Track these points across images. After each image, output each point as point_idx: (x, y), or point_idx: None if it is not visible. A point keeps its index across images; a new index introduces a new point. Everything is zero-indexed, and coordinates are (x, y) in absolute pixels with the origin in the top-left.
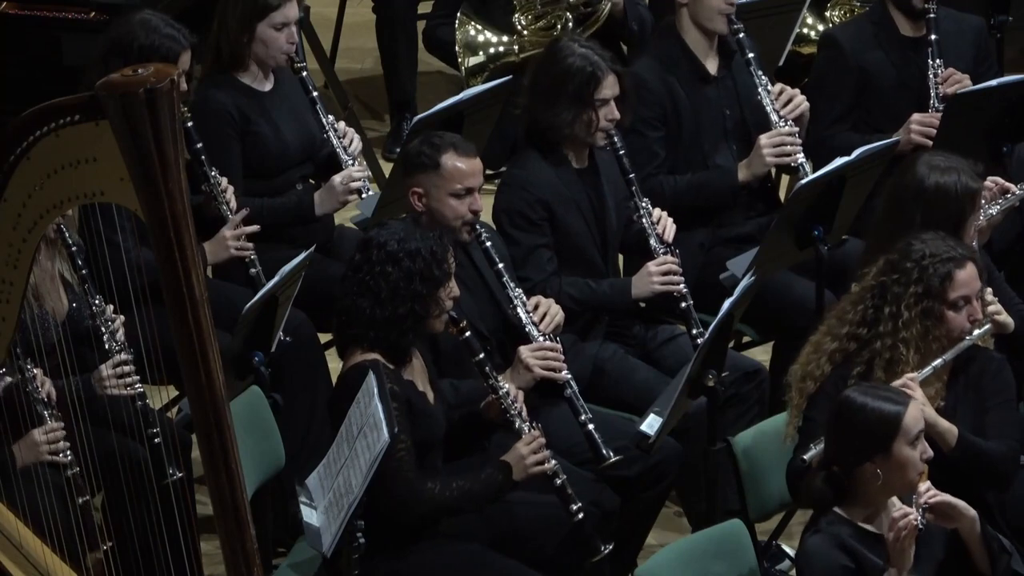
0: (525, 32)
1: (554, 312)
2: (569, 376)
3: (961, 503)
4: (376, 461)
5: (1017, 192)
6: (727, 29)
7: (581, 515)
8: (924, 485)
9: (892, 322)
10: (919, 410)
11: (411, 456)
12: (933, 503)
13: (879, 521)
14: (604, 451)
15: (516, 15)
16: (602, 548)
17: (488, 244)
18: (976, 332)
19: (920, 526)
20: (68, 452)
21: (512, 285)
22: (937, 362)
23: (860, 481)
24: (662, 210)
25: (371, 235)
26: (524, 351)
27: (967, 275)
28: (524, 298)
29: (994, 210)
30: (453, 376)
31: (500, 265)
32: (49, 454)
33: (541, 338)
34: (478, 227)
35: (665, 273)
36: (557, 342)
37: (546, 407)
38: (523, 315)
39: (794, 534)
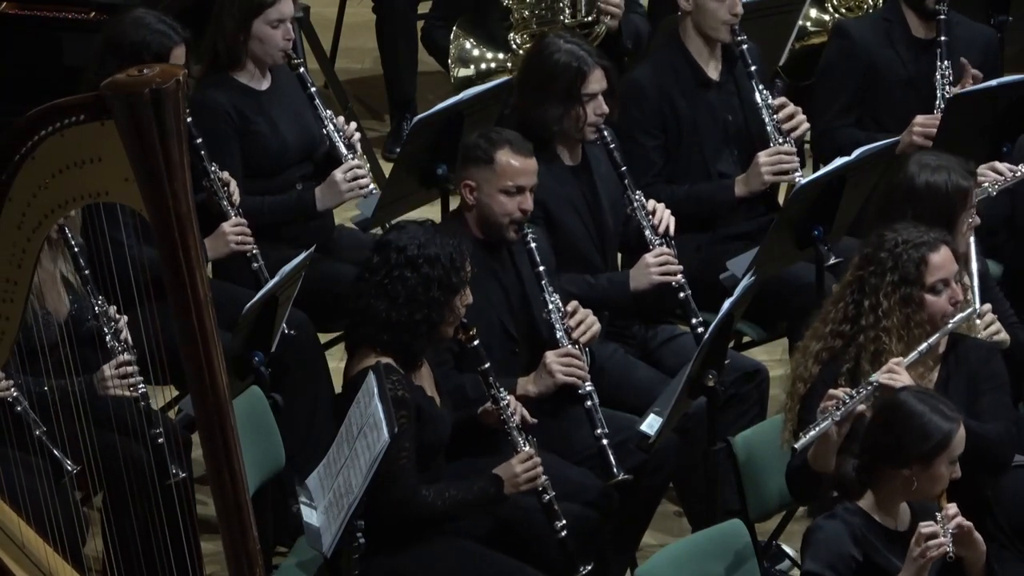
0: (520, 51)
1: (590, 323)
2: (591, 388)
3: (979, 536)
4: (376, 461)
5: (1018, 173)
6: (730, 38)
7: (564, 533)
8: (952, 508)
9: (873, 314)
10: (963, 433)
11: (412, 463)
12: (958, 531)
13: (890, 519)
14: (615, 468)
15: (512, 34)
16: (580, 569)
17: (533, 246)
18: (959, 315)
19: (950, 556)
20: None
21: (551, 290)
22: (922, 346)
23: (887, 480)
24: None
25: (390, 237)
26: (550, 355)
27: (942, 258)
28: (560, 304)
29: (993, 190)
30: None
31: (541, 268)
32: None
33: (569, 346)
34: (525, 227)
35: (662, 264)
36: (587, 353)
37: (565, 408)
38: (556, 321)
39: (794, 534)
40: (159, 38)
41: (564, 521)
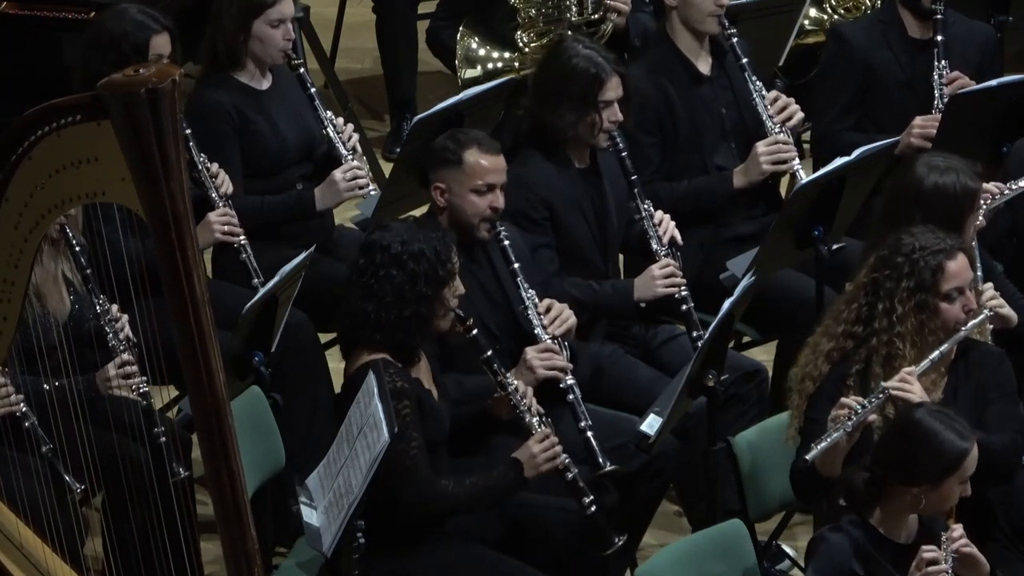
0: (527, 49)
1: (565, 316)
2: (572, 381)
3: (983, 557)
4: (376, 461)
5: (1006, 191)
6: (718, 30)
7: (594, 508)
8: (958, 530)
9: (887, 318)
10: (976, 453)
11: (424, 454)
12: (962, 552)
13: (897, 532)
14: (600, 459)
15: (519, 33)
16: (615, 540)
17: (507, 243)
18: (972, 322)
19: None
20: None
21: (526, 286)
22: (935, 355)
23: (896, 495)
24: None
25: (373, 238)
26: (530, 351)
27: (958, 266)
28: (536, 299)
29: (982, 209)
30: (459, 371)
31: (516, 265)
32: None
33: (548, 340)
34: (498, 225)
35: (668, 276)
36: (565, 347)
37: (550, 409)
38: (533, 317)
39: (794, 534)
40: (138, 28)
41: (592, 496)
